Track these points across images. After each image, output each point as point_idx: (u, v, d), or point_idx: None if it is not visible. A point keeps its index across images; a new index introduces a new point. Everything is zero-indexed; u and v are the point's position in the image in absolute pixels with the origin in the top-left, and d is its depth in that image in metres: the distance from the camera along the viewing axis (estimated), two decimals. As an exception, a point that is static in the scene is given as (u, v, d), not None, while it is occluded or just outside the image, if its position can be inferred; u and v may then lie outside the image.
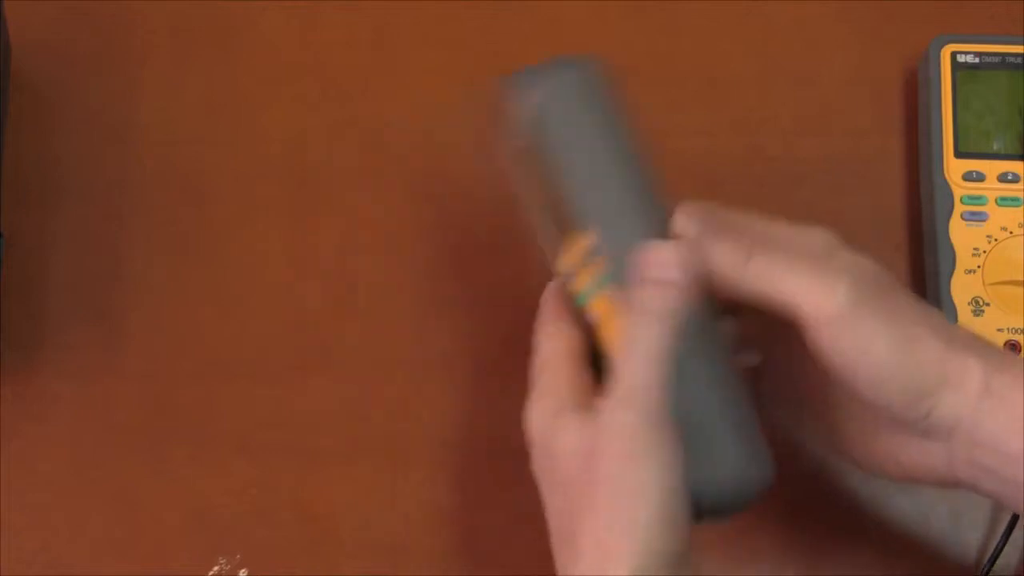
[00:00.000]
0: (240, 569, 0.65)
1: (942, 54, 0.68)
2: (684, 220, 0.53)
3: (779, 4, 0.74)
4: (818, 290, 0.50)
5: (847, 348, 0.50)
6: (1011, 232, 0.65)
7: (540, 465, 0.53)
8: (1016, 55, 0.68)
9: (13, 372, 0.67)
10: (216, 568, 0.65)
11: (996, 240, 0.65)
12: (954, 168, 0.67)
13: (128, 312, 0.69)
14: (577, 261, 0.55)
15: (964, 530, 0.65)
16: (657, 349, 0.50)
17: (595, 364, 0.55)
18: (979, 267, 0.65)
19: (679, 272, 0.52)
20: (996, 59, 0.68)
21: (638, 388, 0.50)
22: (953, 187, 0.66)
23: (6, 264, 0.67)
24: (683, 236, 0.53)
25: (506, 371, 0.67)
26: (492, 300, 0.69)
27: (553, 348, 0.55)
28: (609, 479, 0.49)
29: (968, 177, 0.66)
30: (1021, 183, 0.66)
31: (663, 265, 0.52)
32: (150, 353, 0.68)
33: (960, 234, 0.66)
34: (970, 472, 0.52)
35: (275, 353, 0.68)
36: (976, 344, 0.52)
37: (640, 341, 0.51)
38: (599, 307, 0.54)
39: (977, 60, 0.68)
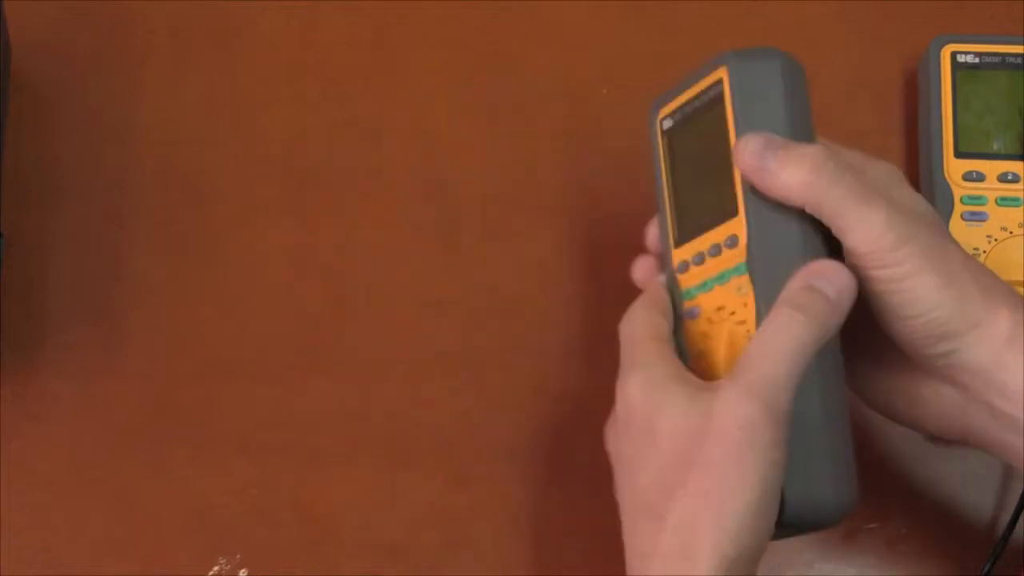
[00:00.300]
0: (240, 569, 0.65)
1: (942, 54, 0.68)
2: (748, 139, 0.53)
3: (779, 4, 0.74)
4: (877, 223, 0.51)
5: (889, 277, 0.51)
6: (1011, 232, 0.65)
7: (633, 436, 0.52)
8: (1016, 55, 0.68)
9: (13, 372, 0.67)
10: (216, 568, 0.65)
11: (996, 240, 0.65)
12: (954, 168, 0.67)
13: (128, 312, 0.69)
14: (704, 249, 0.55)
15: (965, 531, 0.65)
16: (800, 349, 0.50)
17: None
18: (979, 267, 0.65)
19: (846, 295, 0.52)
20: (996, 59, 0.68)
21: (770, 381, 0.50)
22: (953, 187, 0.66)
23: (6, 264, 0.67)
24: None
25: (506, 371, 0.67)
26: (493, 300, 0.69)
27: (646, 328, 0.55)
28: (716, 464, 0.49)
29: (968, 177, 0.67)
30: (1021, 183, 0.66)
31: (833, 281, 0.52)
32: (150, 353, 0.68)
33: (960, 234, 0.66)
34: (983, 421, 0.53)
35: (275, 353, 0.68)
36: (1011, 296, 0.53)
37: (785, 336, 0.50)
38: (715, 299, 0.55)
39: (977, 60, 0.68)
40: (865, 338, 0.56)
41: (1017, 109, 0.68)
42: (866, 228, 0.51)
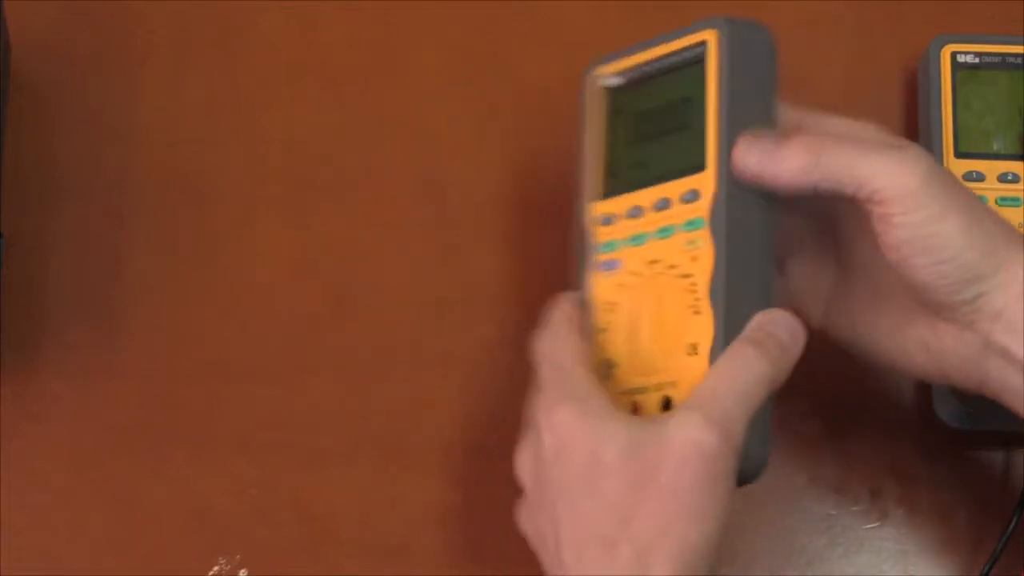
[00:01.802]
0: (240, 569, 0.65)
1: (942, 54, 0.68)
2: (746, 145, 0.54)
3: (779, 4, 0.73)
4: (897, 169, 0.52)
5: (919, 222, 0.52)
6: (1011, 232, 0.65)
7: (574, 466, 0.52)
8: (1016, 55, 0.68)
9: (13, 372, 0.67)
10: (216, 568, 0.65)
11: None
12: (954, 168, 0.67)
13: (128, 312, 0.69)
14: (646, 204, 0.56)
15: (965, 530, 0.65)
16: (757, 388, 0.51)
17: None
18: (979, 267, 0.65)
19: (798, 340, 0.53)
20: (996, 59, 0.68)
21: (730, 415, 0.50)
22: (953, 187, 0.66)
23: (6, 264, 0.67)
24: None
25: (506, 371, 0.67)
26: (492, 300, 0.69)
27: (571, 353, 0.55)
28: (674, 493, 0.49)
29: (968, 177, 0.66)
30: (1021, 183, 0.66)
31: (786, 326, 0.53)
32: (150, 353, 0.68)
33: (960, 234, 0.65)
34: (1001, 366, 0.53)
35: (275, 353, 0.68)
36: None
37: (746, 372, 0.51)
38: (646, 253, 0.55)
39: (977, 60, 0.68)
40: (874, 293, 0.57)
41: (1017, 109, 0.68)
42: (889, 173, 0.52)
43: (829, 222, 0.58)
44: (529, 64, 0.73)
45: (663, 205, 0.55)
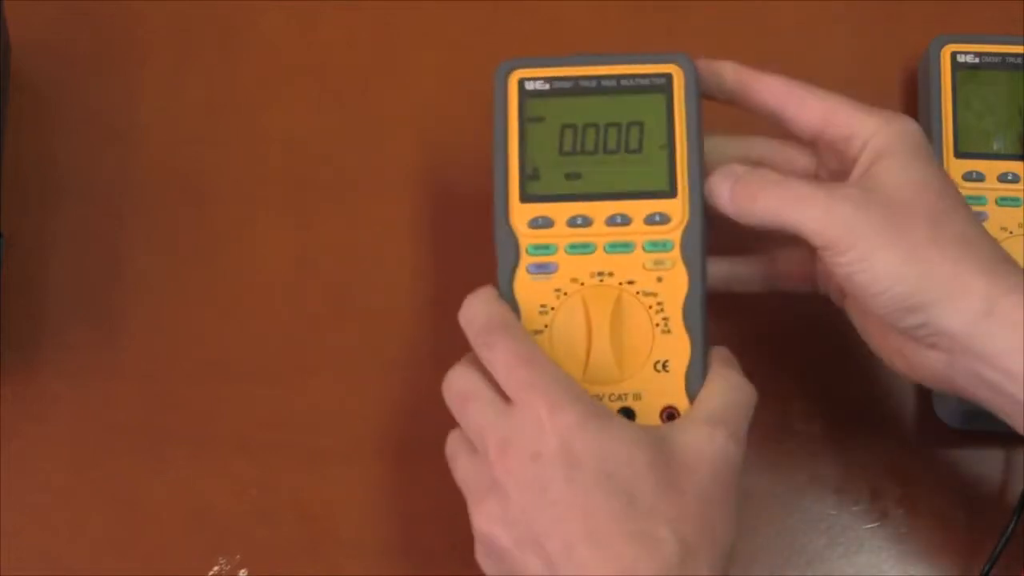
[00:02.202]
0: (240, 569, 0.65)
1: (942, 54, 0.68)
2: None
3: (779, 4, 0.74)
4: (819, 215, 0.54)
5: (847, 262, 0.54)
6: (1011, 232, 0.65)
7: (589, 470, 0.51)
8: (1016, 55, 0.68)
9: (13, 372, 0.67)
10: (216, 568, 0.65)
11: (996, 240, 0.65)
12: (954, 168, 0.67)
13: (128, 312, 0.69)
14: (599, 217, 0.57)
15: (965, 530, 0.65)
16: (751, 409, 0.55)
17: None
18: (979, 267, 0.65)
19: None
20: (996, 59, 0.68)
21: (743, 431, 0.54)
22: (953, 187, 0.66)
23: (6, 264, 0.67)
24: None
25: (506, 371, 0.67)
26: (492, 300, 0.69)
27: (532, 347, 0.55)
28: (713, 499, 0.52)
29: (968, 177, 0.66)
30: (1021, 183, 0.66)
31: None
32: (150, 353, 0.68)
33: (960, 234, 0.65)
34: (970, 382, 0.54)
35: (275, 353, 0.68)
36: (991, 267, 0.53)
37: (745, 394, 0.55)
38: (593, 264, 0.57)
39: (977, 60, 0.68)
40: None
41: (1017, 109, 0.68)
42: (810, 226, 0.54)
43: None
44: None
45: (621, 221, 0.57)
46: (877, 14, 0.73)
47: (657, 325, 0.56)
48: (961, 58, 0.68)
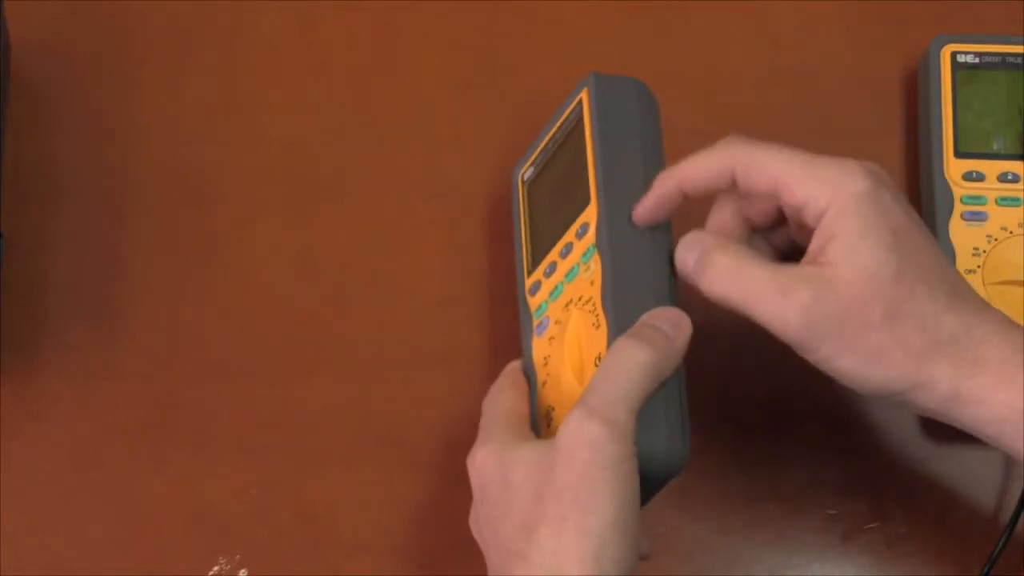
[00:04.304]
0: (240, 569, 0.65)
1: (942, 54, 0.68)
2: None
3: (779, 4, 0.74)
4: (777, 315, 0.53)
5: (814, 360, 0.53)
6: (1011, 232, 0.65)
7: (491, 499, 0.54)
8: (1016, 55, 0.68)
9: (13, 372, 0.67)
10: (216, 568, 0.65)
11: (996, 240, 0.65)
12: (954, 168, 0.67)
13: (128, 312, 0.69)
14: (556, 257, 0.59)
15: (965, 530, 0.65)
16: (636, 368, 0.52)
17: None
18: (979, 267, 0.65)
19: (682, 333, 0.54)
20: (996, 59, 0.68)
21: (608, 399, 0.51)
22: (953, 187, 0.66)
23: (6, 264, 0.67)
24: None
25: (506, 371, 0.67)
26: (492, 300, 0.69)
27: (499, 408, 0.58)
28: (567, 488, 0.50)
29: (968, 177, 0.66)
30: (1021, 183, 0.66)
31: (670, 320, 0.54)
32: (150, 353, 0.68)
33: (960, 234, 0.66)
34: (958, 424, 0.54)
35: (275, 353, 0.68)
36: (955, 338, 0.53)
37: (622, 357, 0.53)
38: (563, 300, 0.58)
39: (977, 60, 0.68)
40: None
41: (1017, 109, 0.68)
42: (774, 326, 0.53)
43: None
44: (529, 64, 0.73)
45: (567, 251, 0.59)
46: (877, 14, 0.73)
47: (593, 324, 0.56)
48: (961, 58, 0.68)
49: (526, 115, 0.72)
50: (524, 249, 0.63)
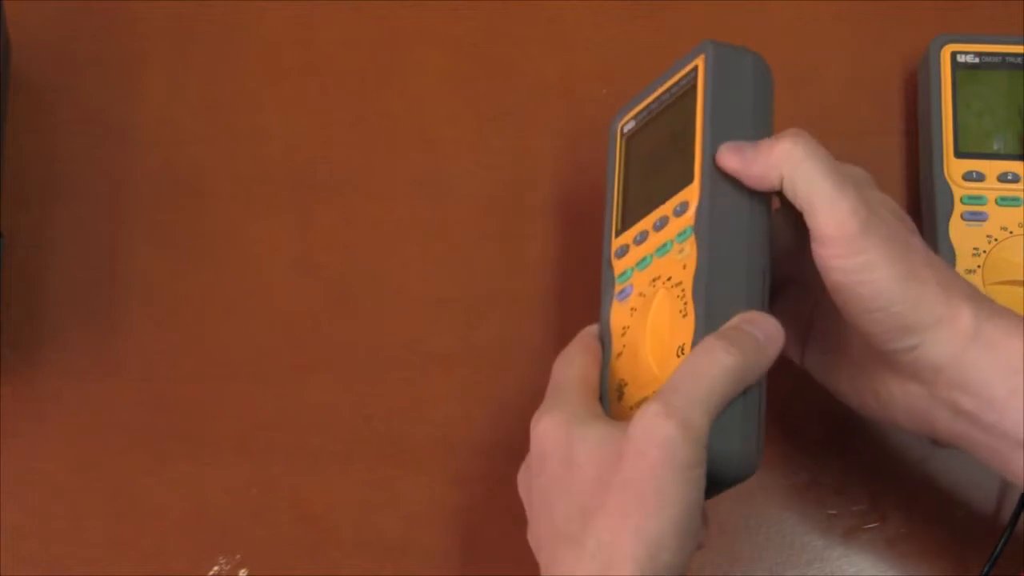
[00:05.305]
0: (240, 569, 0.65)
1: (942, 54, 0.68)
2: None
3: (779, 4, 0.74)
4: (838, 207, 0.52)
5: (852, 267, 0.52)
6: (1011, 232, 0.65)
7: (550, 471, 0.53)
8: (1016, 55, 0.68)
9: (13, 372, 0.67)
10: (216, 568, 0.65)
11: (996, 240, 0.65)
12: (954, 168, 0.67)
13: (128, 311, 0.69)
14: (649, 227, 0.57)
15: (965, 530, 0.65)
16: (721, 374, 0.51)
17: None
18: (979, 267, 0.65)
19: (773, 341, 0.53)
20: (996, 59, 0.68)
21: (688, 401, 0.50)
22: (953, 187, 0.66)
23: (6, 264, 0.67)
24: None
25: (506, 371, 0.67)
26: (492, 300, 0.69)
27: (570, 373, 0.56)
28: (634, 483, 0.50)
29: (968, 177, 0.66)
30: (1021, 183, 0.66)
31: (762, 326, 0.53)
32: (150, 353, 0.68)
33: (960, 234, 0.66)
34: (947, 415, 0.54)
35: (275, 353, 0.68)
36: (973, 293, 0.54)
37: (707, 359, 0.51)
38: (651, 273, 0.56)
39: (977, 60, 0.68)
40: (836, 338, 0.58)
41: (1017, 109, 0.68)
42: (833, 211, 0.52)
43: (800, 270, 0.58)
44: (529, 64, 0.73)
45: (661, 224, 0.57)
46: (877, 14, 0.73)
47: (679, 311, 0.54)
48: (961, 58, 0.68)
49: (526, 115, 0.72)
50: (615, 206, 0.60)
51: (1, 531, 0.65)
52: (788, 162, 0.53)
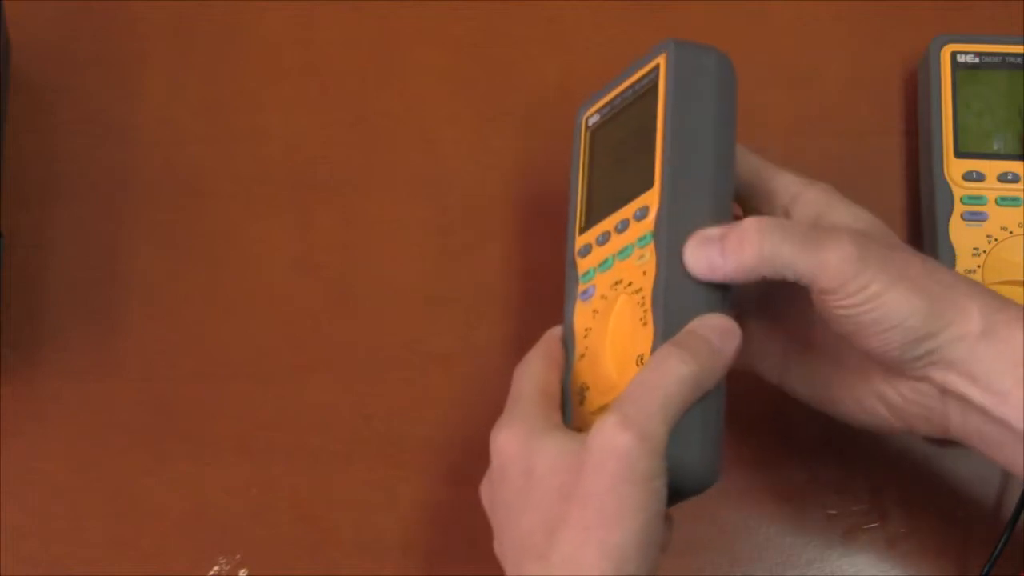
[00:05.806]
0: (240, 569, 0.65)
1: (942, 54, 0.68)
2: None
3: (779, 4, 0.74)
4: (828, 264, 0.52)
5: (859, 302, 0.52)
6: (1011, 232, 0.65)
7: (511, 483, 0.53)
8: (1016, 55, 0.68)
9: (13, 372, 0.67)
10: (216, 568, 0.65)
11: (996, 240, 0.65)
12: (954, 168, 0.67)
13: (128, 312, 0.69)
14: (611, 228, 0.57)
15: (965, 530, 0.65)
16: (677, 382, 0.51)
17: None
18: (979, 267, 0.65)
19: (729, 343, 0.53)
20: (996, 59, 0.68)
21: (645, 412, 0.50)
22: (953, 187, 0.66)
23: (6, 264, 0.67)
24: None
25: (505, 371, 0.67)
26: (492, 300, 0.69)
27: (529, 382, 0.56)
28: (594, 497, 0.50)
29: (968, 177, 0.66)
30: (1021, 183, 0.66)
31: (718, 328, 0.53)
32: (150, 353, 0.68)
33: (960, 234, 0.66)
34: (960, 415, 0.54)
35: (275, 353, 0.68)
36: (973, 288, 0.54)
37: (663, 369, 0.51)
38: (612, 276, 0.56)
39: (977, 60, 0.68)
40: (827, 352, 0.58)
41: (1017, 109, 0.68)
42: (824, 270, 0.52)
43: (776, 288, 0.57)
44: (529, 64, 0.73)
45: (623, 227, 0.56)
46: (877, 14, 0.73)
47: (640, 319, 0.54)
48: (961, 58, 0.68)
49: (526, 115, 0.72)
50: (579, 202, 0.60)
51: (1, 531, 0.65)
52: (759, 253, 0.53)
